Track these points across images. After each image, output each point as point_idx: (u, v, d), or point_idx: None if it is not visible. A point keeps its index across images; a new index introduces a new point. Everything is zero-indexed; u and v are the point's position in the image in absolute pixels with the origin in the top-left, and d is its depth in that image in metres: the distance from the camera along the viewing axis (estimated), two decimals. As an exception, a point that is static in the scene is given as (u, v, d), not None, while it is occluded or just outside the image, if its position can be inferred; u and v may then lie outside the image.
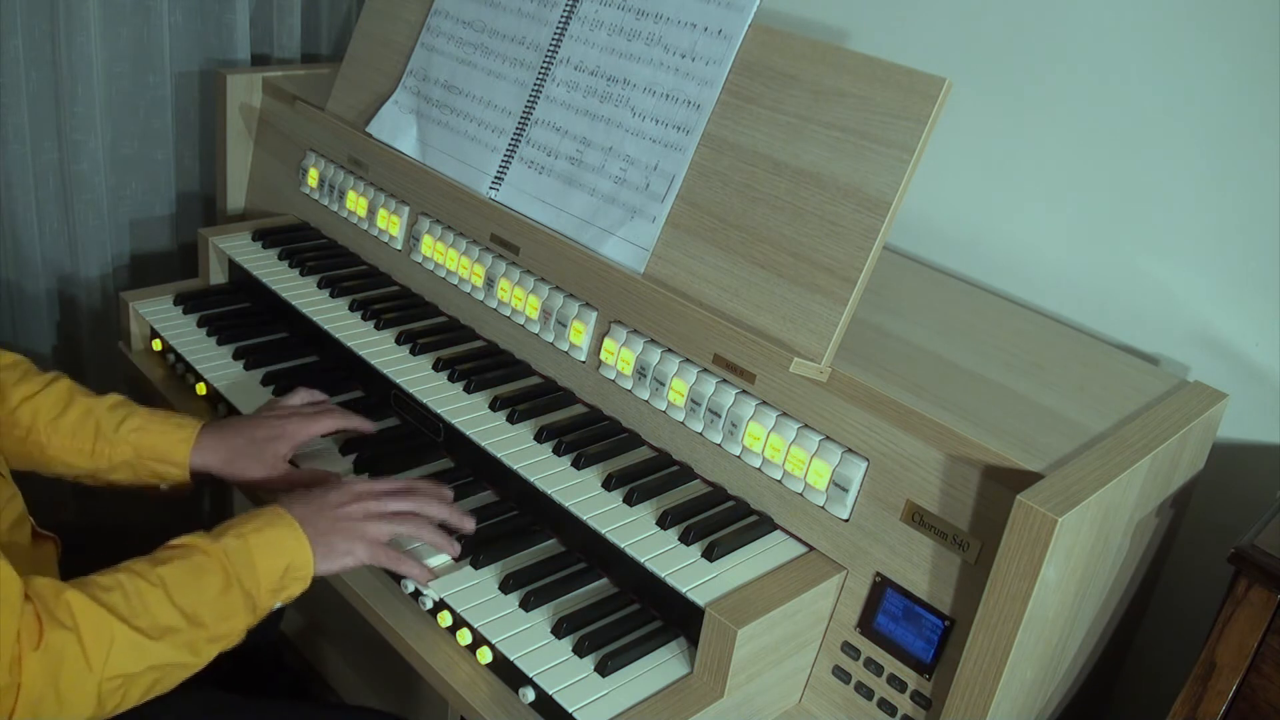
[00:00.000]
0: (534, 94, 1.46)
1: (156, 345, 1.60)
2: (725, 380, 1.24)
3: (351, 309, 1.55)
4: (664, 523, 1.17)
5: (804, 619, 1.12)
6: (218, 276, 1.76)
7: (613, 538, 1.15)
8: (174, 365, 1.56)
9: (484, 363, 1.44)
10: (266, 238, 1.73)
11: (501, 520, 1.27)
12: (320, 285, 1.61)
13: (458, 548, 1.19)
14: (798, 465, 1.16)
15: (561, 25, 1.44)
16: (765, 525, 1.19)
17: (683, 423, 1.27)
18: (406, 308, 1.57)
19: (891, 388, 1.11)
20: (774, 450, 1.18)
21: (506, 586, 1.15)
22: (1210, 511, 1.32)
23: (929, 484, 1.07)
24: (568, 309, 1.39)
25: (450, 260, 1.55)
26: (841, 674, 1.13)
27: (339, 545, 1.12)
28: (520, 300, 1.44)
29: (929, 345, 1.24)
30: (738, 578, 1.11)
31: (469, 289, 1.53)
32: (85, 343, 1.94)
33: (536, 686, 1.05)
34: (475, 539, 1.21)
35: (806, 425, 1.17)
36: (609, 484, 1.22)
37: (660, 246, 1.29)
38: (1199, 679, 1.01)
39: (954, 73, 1.12)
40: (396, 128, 1.62)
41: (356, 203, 1.70)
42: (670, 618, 1.14)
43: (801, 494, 1.17)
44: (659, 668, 1.09)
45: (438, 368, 1.42)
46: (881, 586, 1.10)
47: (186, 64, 1.96)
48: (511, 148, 1.47)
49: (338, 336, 1.49)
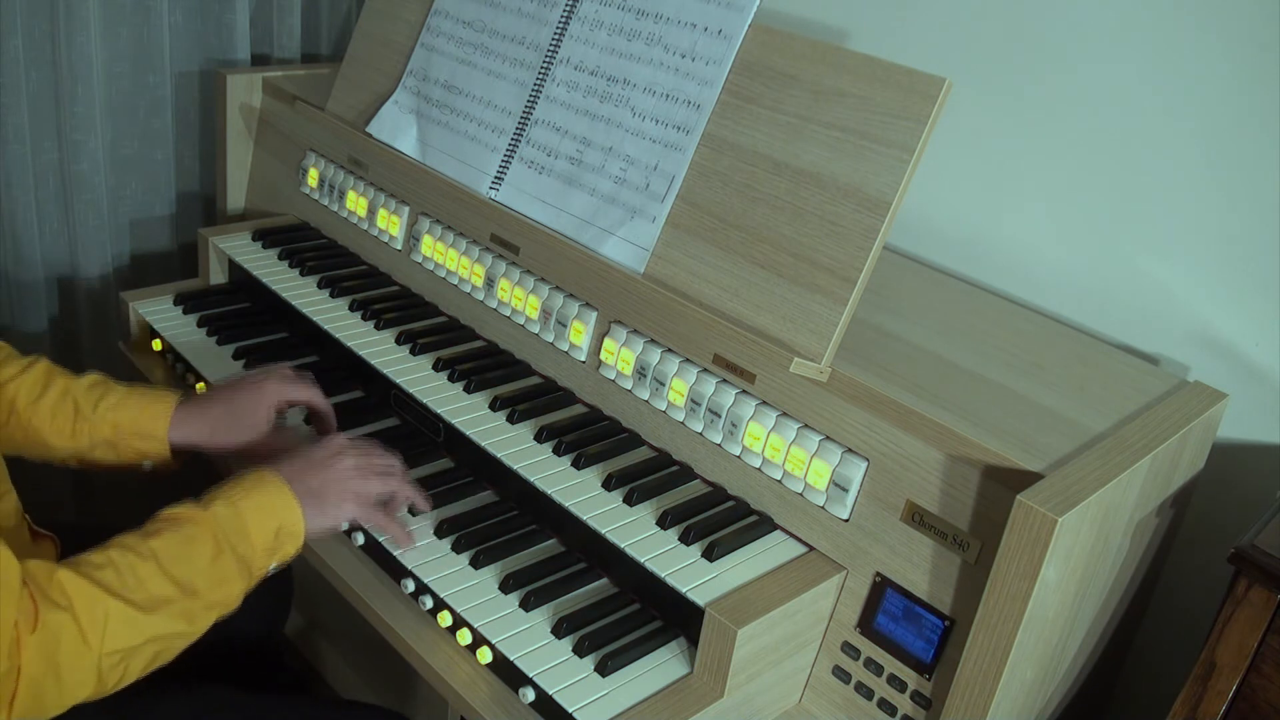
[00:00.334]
0: (534, 94, 1.46)
1: (156, 345, 1.60)
2: (725, 380, 1.24)
3: (351, 309, 1.55)
4: (664, 523, 1.17)
5: (804, 619, 1.12)
6: (218, 276, 1.76)
7: (613, 538, 1.15)
8: (174, 365, 1.56)
9: (484, 363, 1.44)
10: (266, 238, 1.73)
11: (501, 520, 1.27)
12: (320, 285, 1.61)
13: (430, 503, 1.23)
14: (798, 465, 1.16)
15: (561, 25, 1.44)
16: (765, 525, 1.19)
17: (683, 423, 1.27)
18: (406, 308, 1.57)
19: (891, 388, 1.11)
20: (774, 450, 1.18)
21: (506, 586, 1.15)
22: (1210, 511, 1.32)
23: (929, 484, 1.07)
24: (568, 309, 1.39)
25: (450, 260, 1.55)
26: (841, 674, 1.13)
27: (330, 501, 1.13)
28: (520, 300, 1.44)
29: (929, 345, 1.24)
30: (738, 578, 1.11)
31: (469, 289, 1.53)
32: (85, 342, 1.94)
33: (536, 686, 1.05)
34: (475, 539, 1.21)
35: (806, 425, 1.17)
36: (609, 484, 1.22)
37: (660, 246, 1.29)
38: (1199, 679, 1.01)
39: (954, 73, 1.12)
40: (396, 128, 1.62)
41: (356, 203, 1.70)
42: (670, 618, 1.14)
43: (801, 494, 1.17)
44: (659, 668, 1.09)
45: (438, 368, 1.42)
46: (881, 586, 1.10)
47: (186, 64, 1.96)
48: (511, 148, 1.47)
49: (338, 336, 1.49)
